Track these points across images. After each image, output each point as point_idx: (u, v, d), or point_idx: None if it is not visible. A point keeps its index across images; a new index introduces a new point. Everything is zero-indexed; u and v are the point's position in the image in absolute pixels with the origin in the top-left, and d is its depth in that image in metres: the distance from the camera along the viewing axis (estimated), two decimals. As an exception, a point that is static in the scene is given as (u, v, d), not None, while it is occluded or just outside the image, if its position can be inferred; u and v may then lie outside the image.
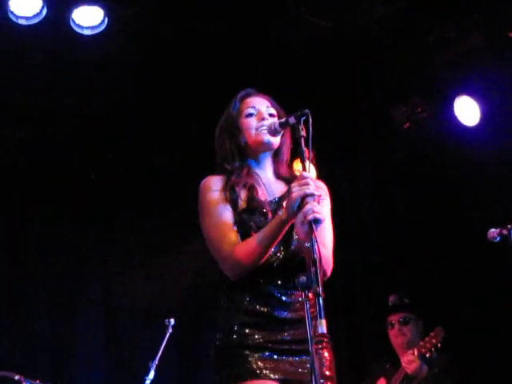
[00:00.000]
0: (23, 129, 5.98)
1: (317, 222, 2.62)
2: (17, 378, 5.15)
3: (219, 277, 3.01)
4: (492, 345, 5.76)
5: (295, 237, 2.96)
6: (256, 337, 2.85)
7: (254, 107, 3.14)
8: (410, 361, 5.11)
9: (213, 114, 3.31)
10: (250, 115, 3.12)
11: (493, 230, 3.99)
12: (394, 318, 5.48)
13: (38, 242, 6.32)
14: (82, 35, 5.13)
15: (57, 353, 6.18)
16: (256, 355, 2.82)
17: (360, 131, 6.29)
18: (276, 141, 3.08)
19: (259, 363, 2.80)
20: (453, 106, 5.82)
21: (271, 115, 3.12)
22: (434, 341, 5.08)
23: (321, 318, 2.48)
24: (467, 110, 5.84)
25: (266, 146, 3.09)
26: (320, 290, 2.50)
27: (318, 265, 2.53)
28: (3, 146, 6.00)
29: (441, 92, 5.88)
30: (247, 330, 2.86)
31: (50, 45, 5.23)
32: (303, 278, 2.54)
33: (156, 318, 5.64)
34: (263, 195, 3.04)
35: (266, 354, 2.83)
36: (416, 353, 5.10)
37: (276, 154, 3.17)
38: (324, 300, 2.48)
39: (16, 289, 6.16)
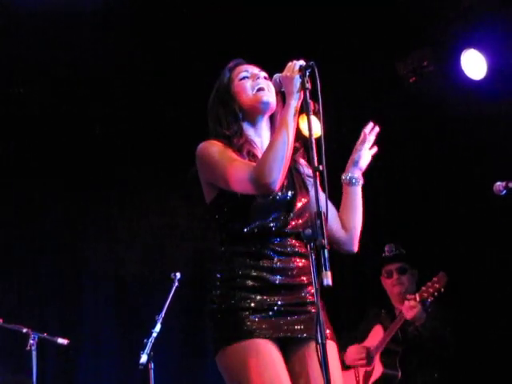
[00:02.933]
0: (22, 84, 5.96)
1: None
2: (25, 330, 5.22)
3: (218, 240, 3.01)
4: (491, 299, 5.78)
5: (301, 198, 2.99)
6: (252, 299, 2.85)
7: (246, 71, 3.12)
8: (411, 306, 5.01)
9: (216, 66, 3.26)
10: (244, 78, 3.09)
11: (499, 183, 3.95)
12: (391, 267, 5.44)
13: (45, 197, 6.33)
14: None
15: (64, 306, 6.23)
16: (252, 317, 2.82)
17: (365, 85, 6.24)
18: (274, 102, 3.05)
19: (255, 324, 2.81)
20: (459, 60, 5.78)
21: (265, 78, 3.11)
22: (436, 285, 4.98)
23: (326, 270, 2.49)
24: (474, 64, 5.79)
25: (265, 105, 3.05)
26: (325, 242, 2.52)
27: (322, 217, 2.55)
28: (3, 103, 5.99)
29: (447, 45, 5.83)
30: (243, 294, 2.86)
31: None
32: (308, 231, 2.56)
33: (162, 272, 5.67)
34: None
35: (262, 315, 2.83)
36: (418, 298, 5.01)
37: (270, 120, 3.13)
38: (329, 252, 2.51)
39: (23, 241, 6.20)
